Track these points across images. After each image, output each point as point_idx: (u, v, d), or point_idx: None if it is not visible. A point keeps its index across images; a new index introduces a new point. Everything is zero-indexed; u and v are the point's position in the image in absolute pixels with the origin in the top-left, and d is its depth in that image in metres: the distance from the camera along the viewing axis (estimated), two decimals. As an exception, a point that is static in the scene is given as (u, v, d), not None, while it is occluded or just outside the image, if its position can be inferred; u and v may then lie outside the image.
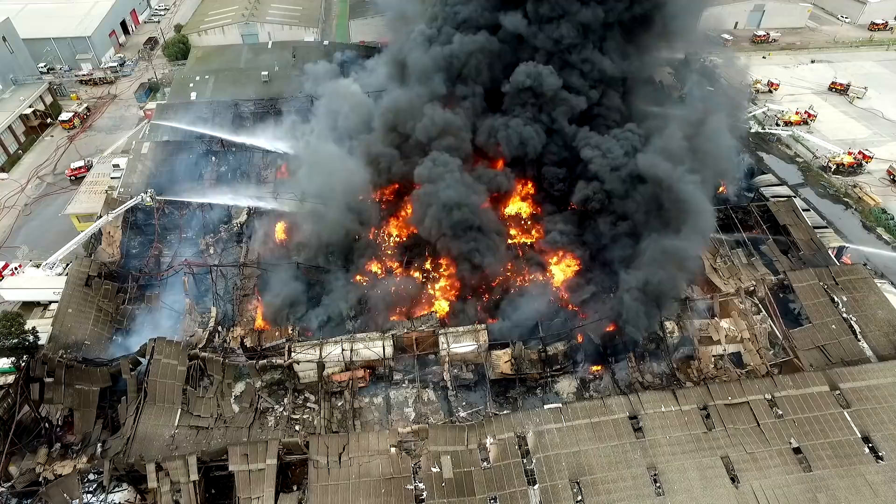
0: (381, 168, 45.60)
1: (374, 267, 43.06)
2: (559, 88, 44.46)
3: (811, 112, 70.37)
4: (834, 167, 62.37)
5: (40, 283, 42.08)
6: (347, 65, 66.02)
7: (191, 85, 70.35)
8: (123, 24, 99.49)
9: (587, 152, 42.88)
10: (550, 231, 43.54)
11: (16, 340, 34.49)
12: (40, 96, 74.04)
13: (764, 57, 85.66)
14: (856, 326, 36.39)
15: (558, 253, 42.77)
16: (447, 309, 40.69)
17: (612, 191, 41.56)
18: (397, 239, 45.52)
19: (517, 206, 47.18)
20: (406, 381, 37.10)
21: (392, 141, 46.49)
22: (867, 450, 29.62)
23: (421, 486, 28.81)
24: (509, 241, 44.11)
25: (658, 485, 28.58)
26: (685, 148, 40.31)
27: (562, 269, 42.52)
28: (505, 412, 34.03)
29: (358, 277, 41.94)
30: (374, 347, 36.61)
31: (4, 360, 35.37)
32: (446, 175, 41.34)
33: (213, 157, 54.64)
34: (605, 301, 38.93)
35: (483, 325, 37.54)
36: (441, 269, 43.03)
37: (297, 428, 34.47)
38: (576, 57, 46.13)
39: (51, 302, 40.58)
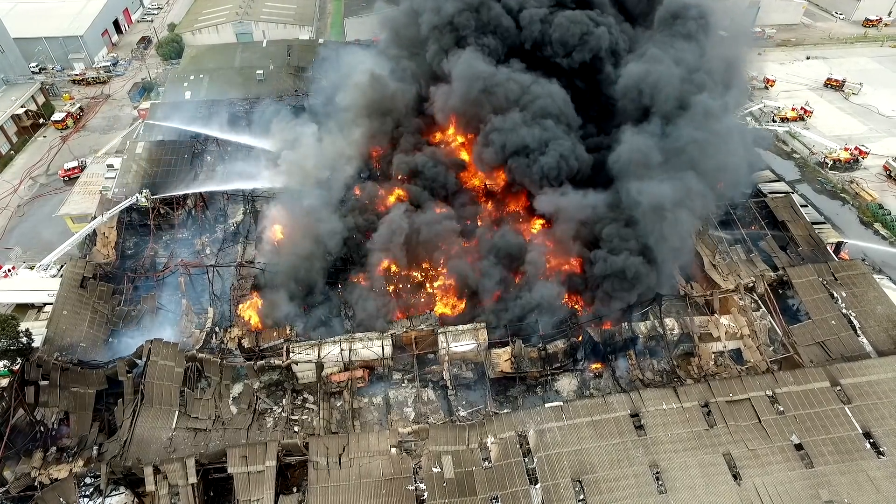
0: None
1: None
2: None
3: (807, 108, 70.49)
4: (830, 163, 62.53)
5: (34, 284, 41.65)
6: None
7: (185, 84, 69.89)
8: (116, 24, 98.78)
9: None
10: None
11: (10, 343, 34.02)
12: (32, 96, 73.38)
13: (759, 53, 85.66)
14: (855, 322, 36.39)
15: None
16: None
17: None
18: None
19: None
20: (405, 381, 36.90)
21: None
22: (868, 445, 29.61)
23: (422, 486, 28.64)
24: None
25: (660, 482, 28.48)
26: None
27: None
28: (505, 411, 33.85)
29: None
30: (373, 347, 36.39)
31: (-2, 363, 34.96)
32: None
33: (209, 157, 54.19)
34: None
35: (483, 324, 37.37)
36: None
37: (296, 429, 34.18)
38: None
39: (45, 304, 40.16)
